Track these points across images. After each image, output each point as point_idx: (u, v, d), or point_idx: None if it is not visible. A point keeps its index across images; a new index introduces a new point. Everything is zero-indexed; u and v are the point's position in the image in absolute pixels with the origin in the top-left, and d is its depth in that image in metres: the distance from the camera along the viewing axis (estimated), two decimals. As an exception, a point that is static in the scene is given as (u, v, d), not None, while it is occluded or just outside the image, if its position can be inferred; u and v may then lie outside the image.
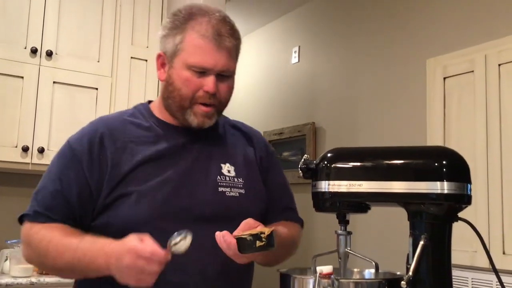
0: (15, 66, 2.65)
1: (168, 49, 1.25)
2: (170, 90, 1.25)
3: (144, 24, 3.02)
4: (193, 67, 1.21)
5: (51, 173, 1.24)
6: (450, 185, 0.94)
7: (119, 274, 1.04)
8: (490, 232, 2.29)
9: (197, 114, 1.24)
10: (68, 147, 1.25)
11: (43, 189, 1.23)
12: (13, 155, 2.61)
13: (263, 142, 1.45)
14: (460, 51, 2.54)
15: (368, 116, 3.09)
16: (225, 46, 1.22)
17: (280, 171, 1.45)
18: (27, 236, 1.20)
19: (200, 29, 1.21)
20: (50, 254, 1.14)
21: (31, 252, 1.20)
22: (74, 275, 1.21)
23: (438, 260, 0.97)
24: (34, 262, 1.26)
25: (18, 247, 2.51)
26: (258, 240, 1.03)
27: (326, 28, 3.56)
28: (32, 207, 1.22)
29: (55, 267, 1.18)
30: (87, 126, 1.30)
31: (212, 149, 1.30)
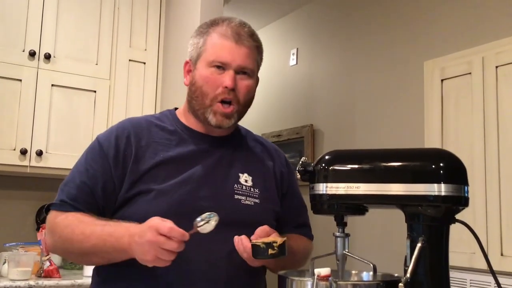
0: (13, 69, 2.65)
1: (193, 54, 1.34)
2: (193, 91, 1.31)
3: (142, 26, 3.02)
4: (212, 62, 1.27)
5: (79, 165, 1.30)
6: (447, 187, 0.95)
7: (140, 251, 1.08)
8: (488, 234, 2.30)
9: (216, 113, 1.28)
10: (97, 143, 1.31)
11: (71, 181, 1.28)
12: (12, 158, 2.61)
13: (284, 158, 1.51)
14: (458, 53, 2.55)
15: (366, 118, 3.09)
16: (244, 44, 1.29)
17: (298, 189, 1.51)
18: (52, 224, 1.24)
19: (220, 30, 1.30)
20: (76, 238, 1.18)
21: (56, 239, 1.23)
22: (98, 259, 1.22)
23: (435, 262, 0.97)
24: (58, 250, 1.28)
25: (16, 250, 2.51)
26: (271, 249, 1.12)
27: (324, 30, 3.56)
28: (59, 197, 1.26)
29: (80, 251, 1.20)
30: (115, 125, 1.36)
31: (232, 158, 1.35)
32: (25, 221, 2.94)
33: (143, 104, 2.94)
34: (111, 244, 1.15)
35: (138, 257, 1.10)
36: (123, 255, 1.14)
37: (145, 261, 1.09)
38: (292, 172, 1.49)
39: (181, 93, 2.68)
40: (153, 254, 1.06)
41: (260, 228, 1.19)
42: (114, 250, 1.15)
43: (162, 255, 1.06)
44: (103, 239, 1.15)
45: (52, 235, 1.25)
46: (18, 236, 2.81)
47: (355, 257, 1.05)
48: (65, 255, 1.31)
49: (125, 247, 1.12)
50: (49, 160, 2.68)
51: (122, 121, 1.37)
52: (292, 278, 1.00)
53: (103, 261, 1.21)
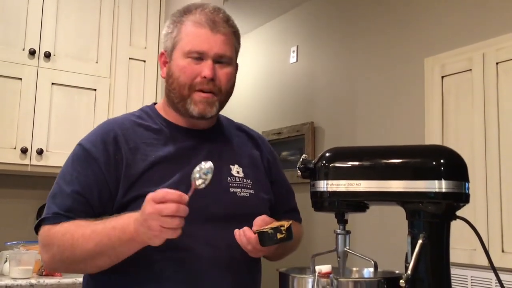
0: (14, 68, 2.65)
1: (168, 45, 1.28)
2: (170, 83, 1.27)
3: (142, 25, 3.02)
4: (189, 53, 1.23)
5: (66, 175, 1.23)
6: (448, 183, 0.95)
7: (145, 230, 1.04)
8: (489, 230, 2.30)
9: (197, 102, 1.24)
10: (82, 149, 1.25)
11: (60, 192, 1.21)
12: (12, 156, 2.61)
13: (269, 146, 1.49)
14: (458, 50, 2.55)
15: (367, 115, 3.09)
16: (220, 31, 1.24)
17: (284, 175, 1.50)
18: (46, 237, 1.17)
19: (194, 18, 1.25)
20: (77, 242, 1.12)
21: (54, 251, 1.15)
22: (104, 259, 1.13)
23: (436, 259, 0.97)
24: (57, 263, 1.19)
25: (17, 249, 2.51)
26: (279, 233, 1.11)
27: (324, 27, 3.56)
28: (49, 210, 1.19)
29: (83, 255, 1.13)
30: (97, 128, 1.30)
31: (220, 151, 1.32)
32: (26, 219, 2.94)
33: (143, 102, 2.93)
34: (116, 236, 1.09)
35: (146, 238, 1.05)
36: (131, 245, 1.10)
37: (153, 238, 1.04)
38: (277, 158, 1.49)
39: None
40: (157, 226, 1.02)
41: (259, 218, 1.19)
42: (120, 242, 1.09)
43: (166, 223, 1.01)
44: (107, 234, 1.10)
45: (48, 249, 1.17)
46: (19, 235, 2.81)
47: (356, 254, 1.05)
48: (67, 267, 1.19)
49: (132, 234, 1.07)
50: (49, 158, 2.68)
51: (103, 123, 1.32)
52: (294, 275, 1.00)
53: (110, 260, 1.13)
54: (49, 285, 2.36)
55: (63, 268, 1.21)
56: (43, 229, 1.19)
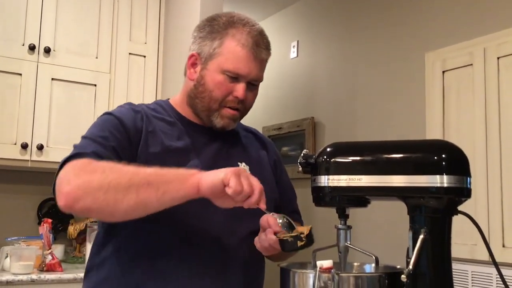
0: (13, 63, 2.64)
1: (204, 51, 1.29)
2: (200, 91, 1.29)
3: (142, 20, 3.01)
4: (228, 72, 1.25)
5: (98, 132, 1.19)
6: (449, 178, 0.94)
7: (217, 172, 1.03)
8: (490, 225, 2.30)
9: (224, 117, 1.29)
10: (112, 116, 1.24)
11: (94, 141, 1.16)
12: (12, 152, 2.61)
13: (275, 149, 1.52)
14: (459, 45, 2.54)
15: (367, 110, 3.09)
16: (261, 57, 1.28)
17: (288, 177, 1.52)
18: (87, 165, 1.07)
19: (240, 38, 1.26)
20: (126, 170, 1.06)
21: (94, 177, 1.04)
22: (150, 191, 1.04)
23: (438, 254, 0.97)
24: (89, 190, 1.03)
25: (18, 244, 2.51)
26: (299, 240, 1.12)
27: (324, 22, 3.55)
28: (87, 149, 1.13)
29: (129, 183, 1.03)
30: (126, 104, 1.31)
31: (229, 149, 1.35)
32: (26, 215, 2.94)
33: (144, 97, 2.93)
34: (174, 172, 1.06)
35: (211, 177, 1.03)
36: (186, 184, 1.04)
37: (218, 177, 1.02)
38: (281, 160, 1.52)
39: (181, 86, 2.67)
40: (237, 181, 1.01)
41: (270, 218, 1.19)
42: (177, 177, 1.05)
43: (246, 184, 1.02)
44: (166, 169, 1.07)
45: (84, 174, 1.05)
46: (19, 230, 2.82)
47: (357, 249, 1.05)
48: (101, 195, 1.03)
49: (193, 176, 1.04)
50: (50, 154, 2.68)
51: (129, 103, 1.33)
52: (295, 270, 1.00)
53: (155, 195, 1.03)
54: (50, 281, 2.37)
55: (90, 199, 1.03)
56: (78, 160, 1.08)
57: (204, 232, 1.22)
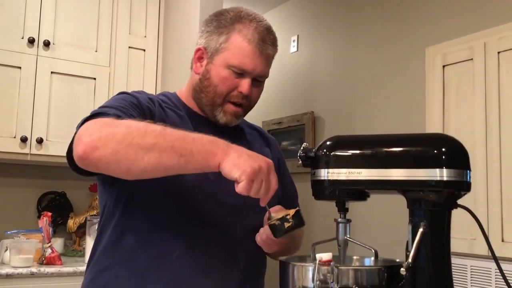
0: (13, 57, 2.64)
1: (211, 45, 1.29)
2: (205, 85, 1.29)
3: (141, 13, 3.00)
4: (233, 67, 1.25)
5: (117, 104, 1.16)
6: (449, 172, 0.94)
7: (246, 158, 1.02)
8: (489, 220, 2.30)
9: (227, 113, 1.29)
10: (130, 95, 1.23)
11: (112, 107, 1.13)
12: (12, 145, 2.61)
13: (278, 146, 1.53)
14: (460, 39, 2.54)
15: (367, 104, 3.08)
16: (267, 53, 1.28)
17: (290, 176, 1.53)
18: (111, 121, 1.05)
19: (247, 33, 1.26)
20: (154, 128, 1.03)
21: (119, 131, 1.02)
22: (170, 156, 1.01)
23: (437, 247, 0.97)
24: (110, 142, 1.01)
25: (18, 238, 2.52)
26: (286, 222, 1.12)
27: (325, 17, 3.54)
28: (106, 110, 1.11)
29: (150, 143, 1.00)
30: (139, 91, 1.30)
31: (235, 143, 1.33)
32: (26, 208, 2.94)
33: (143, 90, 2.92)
34: (201, 142, 1.02)
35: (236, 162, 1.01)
36: (210, 157, 1.02)
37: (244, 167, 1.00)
38: (283, 158, 1.53)
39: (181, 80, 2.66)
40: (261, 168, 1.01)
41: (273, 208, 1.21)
42: (203, 148, 1.02)
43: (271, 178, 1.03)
44: (192, 136, 1.03)
45: (108, 128, 1.02)
46: (19, 224, 2.82)
47: (357, 242, 1.05)
48: (122, 147, 1.00)
49: (220, 149, 1.02)
50: (49, 147, 2.68)
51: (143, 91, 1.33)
52: (294, 263, 1.00)
53: (176, 161, 1.01)
54: (49, 274, 2.37)
55: (110, 149, 1.00)
56: (102, 118, 1.07)
57: (209, 225, 1.22)
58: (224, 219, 1.23)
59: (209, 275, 1.20)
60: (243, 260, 1.26)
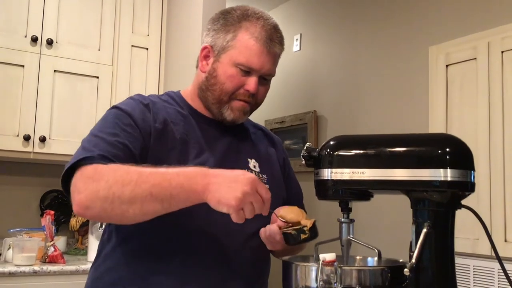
0: (16, 55, 2.64)
1: (217, 43, 1.28)
2: (212, 83, 1.28)
3: (144, 12, 3.00)
4: (240, 65, 1.24)
5: (106, 129, 1.17)
6: (453, 172, 0.94)
7: (227, 190, 1.01)
8: (492, 220, 2.29)
9: (234, 109, 1.28)
10: (120, 110, 1.22)
11: (102, 140, 1.13)
12: (15, 144, 2.61)
13: (282, 144, 1.53)
14: (463, 38, 2.53)
15: (370, 104, 3.08)
16: (274, 51, 1.27)
17: (295, 175, 1.52)
18: (92, 172, 1.06)
19: (254, 31, 1.25)
20: (130, 179, 1.03)
21: (100, 186, 1.03)
22: (154, 204, 1.03)
23: (441, 248, 0.97)
24: (97, 200, 1.04)
25: (20, 236, 2.52)
26: (302, 233, 1.13)
27: (327, 15, 3.54)
28: (93, 152, 1.10)
29: (132, 195, 1.02)
30: (132, 96, 1.30)
31: (240, 144, 1.35)
32: (29, 207, 2.95)
33: (146, 90, 2.93)
34: (179, 183, 1.02)
35: (217, 196, 1.01)
36: (191, 197, 1.03)
37: (229, 200, 1.00)
38: (288, 158, 1.52)
39: (184, 79, 2.66)
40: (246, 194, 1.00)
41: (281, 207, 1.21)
42: (182, 189, 1.02)
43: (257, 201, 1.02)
44: (168, 178, 1.03)
45: (91, 183, 1.05)
46: (22, 222, 2.83)
47: (360, 242, 1.05)
48: (105, 208, 1.04)
49: (199, 186, 1.02)
50: (52, 146, 2.68)
51: (139, 94, 1.32)
52: (297, 263, 1.00)
53: (161, 207, 1.04)
54: (52, 272, 2.38)
55: (98, 208, 1.05)
56: (86, 167, 1.08)
57: (212, 229, 1.21)
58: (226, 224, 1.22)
59: (212, 278, 1.20)
60: (246, 264, 1.25)
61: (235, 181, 1.02)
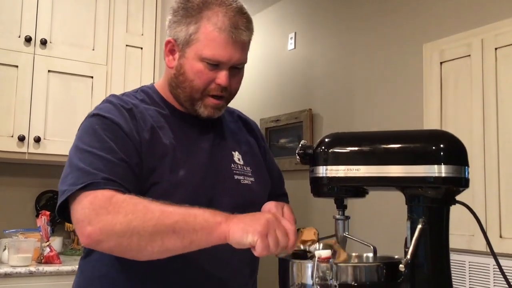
0: (10, 55, 2.63)
1: (180, 37, 1.20)
2: (181, 80, 1.21)
3: (138, 11, 2.99)
4: (207, 59, 1.17)
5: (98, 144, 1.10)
6: (447, 168, 0.94)
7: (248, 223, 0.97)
8: (487, 216, 2.30)
9: (208, 106, 1.22)
10: (103, 118, 1.15)
11: (100, 159, 1.07)
12: (9, 144, 2.60)
13: (260, 131, 1.48)
14: (457, 35, 2.54)
15: (365, 101, 3.08)
16: (241, 39, 1.19)
17: (274, 159, 1.49)
18: (107, 203, 1.01)
19: (216, 21, 1.16)
20: (151, 214, 0.99)
21: (118, 220, 0.99)
22: (175, 240, 1.00)
23: (436, 244, 0.97)
24: (113, 235, 1.00)
25: (16, 237, 2.51)
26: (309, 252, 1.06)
27: (322, 14, 3.54)
28: (94, 176, 1.04)
29: (154, 230, 0.99)
30: (111, 100, 1.21)
31: (222, 138, 1.31)
32: (24, 207, 2.94)
33: (141, 89, 2.92)
34: (201, 220, 0.99)
35: (243, 225, 0.97)
36: (213, 238, 0.99)
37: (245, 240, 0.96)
38: (265, 142, 1.48)
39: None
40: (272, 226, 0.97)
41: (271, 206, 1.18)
42: (206, 223, 0.99)
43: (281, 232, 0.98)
44: (193, 213, 1.00)
45: (107, 215, 1.00)
46: (17, 223, 2.81)
47: (356, 239, 1.05)
48: (121, 243, 1.00)
49: (222, 218, 0.99)
50: (47, 146, 2.67)
51: (112, 97, 1.23)
52: (293, 260, 1.00)
53: (181, 243, 1.00)
54: (48, 273, 2.37)
55: (113, 242, 1.00)
56: (96, 195, 1.02)
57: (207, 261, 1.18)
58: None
59: (208, 282, 1.18)
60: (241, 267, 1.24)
61: (258, 214, 1.02)
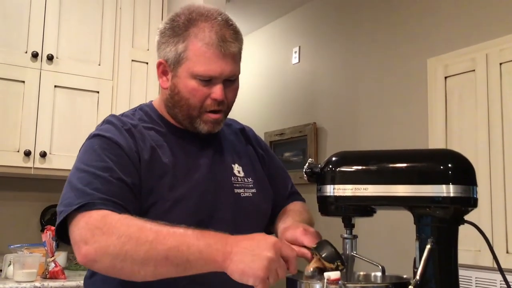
0: (16, 71, 2.65)
1: (170, 57, 1.21)
2: (176, 100, 1.22)
3: (144, 27, 3.02)
4: (199, 76, 1.18)
5: (97, 163, 1.11)
6: (456, 188, 0.94)
7: (251, 259, 0.94)
8: (494, 232, 2.29)
9: (207, 122, 1.23)
10: (103, 138, 1.16)
11: (98, 178, 1.07)
12: (15, 159, 2.61)
13: (256, 137, 1.47)
14: (461, 50, 2.54)
15: (370, 116, 3.09)
16: (230, 52, 1.19)
17: (277, 159, 1.49)
18: (101, 223, 1.00)
19: (203, 36, 1.17)
20: (145, 238, 0.97)
21: (111, 242, 0.98)
22: (168, 268, 0.98)
23: (445, 264, 0.97)
24: (107, 256, 0.99)
25: (21, 252, 2.51)
26: None
27: (326, 28, 3.56)
28: (90, 196, 1.04)
29: (146, 256, 0.97)
30: (110, 120, 1.23)
31: (221, 152, 1.31)
32: (29, 222, 2.94)
33: (146, 104, 2.93)
34: (197, 248, 0.96)
35: (243, 267, 0.94)
36: (210, 264, 0.97)
37: (254, 271, 0.93)
38: (266, 145, 1.48)
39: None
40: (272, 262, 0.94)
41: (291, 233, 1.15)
42: (200, 256, 0.96)
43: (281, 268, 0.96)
44: (187, 242, 0.97)
45: (100, 236, 0.99)
46: (22, 238, 2.82)
47: (364, 258, 1.05)
48: (114, 265, 0.99)
49: (219, 254, 0.96)
50: (53, 161, 2.68)
51: (111, 117, 1.25)
52: (302, 281, 1.00)
53: (174, 271, 0.99)
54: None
55: (107, 264, 1.00)
56: (91, 214, 1.02)
57: None
58: None
59: None
60: None
61: (258, 247, 0.95)
